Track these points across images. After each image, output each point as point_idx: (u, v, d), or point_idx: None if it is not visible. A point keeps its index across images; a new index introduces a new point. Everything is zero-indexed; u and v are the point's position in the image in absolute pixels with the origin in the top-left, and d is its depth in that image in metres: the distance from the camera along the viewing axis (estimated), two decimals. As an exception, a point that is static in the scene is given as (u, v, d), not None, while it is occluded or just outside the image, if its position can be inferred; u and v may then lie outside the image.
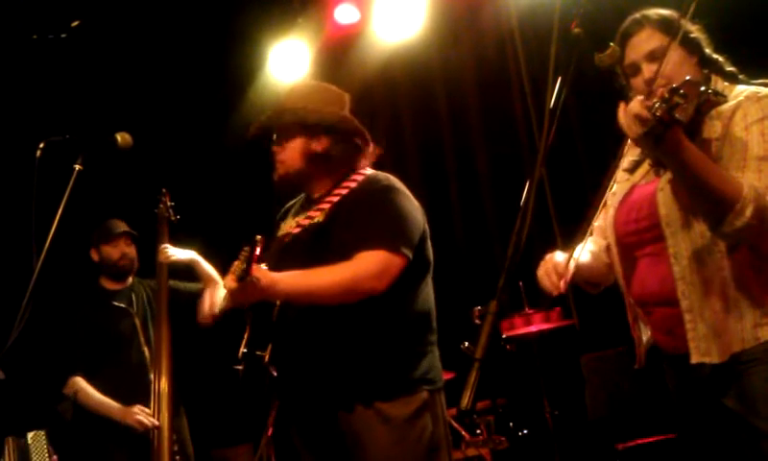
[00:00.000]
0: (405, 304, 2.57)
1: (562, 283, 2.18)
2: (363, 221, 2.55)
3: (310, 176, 2.73)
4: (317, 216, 2.67)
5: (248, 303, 2.57)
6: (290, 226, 2.76)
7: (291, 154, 2.71)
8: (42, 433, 3.97)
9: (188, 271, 3.97)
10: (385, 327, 2.53)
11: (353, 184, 2.68)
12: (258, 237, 2.32)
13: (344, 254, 2.50)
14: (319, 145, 2.70)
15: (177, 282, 4.02)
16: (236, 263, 2.35)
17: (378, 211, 2.57)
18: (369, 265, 2.48)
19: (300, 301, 2.54)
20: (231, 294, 2.43)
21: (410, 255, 2.53)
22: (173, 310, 3.86)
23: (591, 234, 2.51)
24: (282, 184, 2.78)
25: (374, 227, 2.53)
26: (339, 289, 2.47)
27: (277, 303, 2.62)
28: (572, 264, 2.24)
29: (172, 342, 3.79)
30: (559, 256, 2.28)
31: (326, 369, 2.52)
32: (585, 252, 2.42)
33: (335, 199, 2.66)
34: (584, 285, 2.49)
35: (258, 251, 2.32)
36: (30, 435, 4.03)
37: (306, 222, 2.70)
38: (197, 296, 3.96)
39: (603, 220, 2.45)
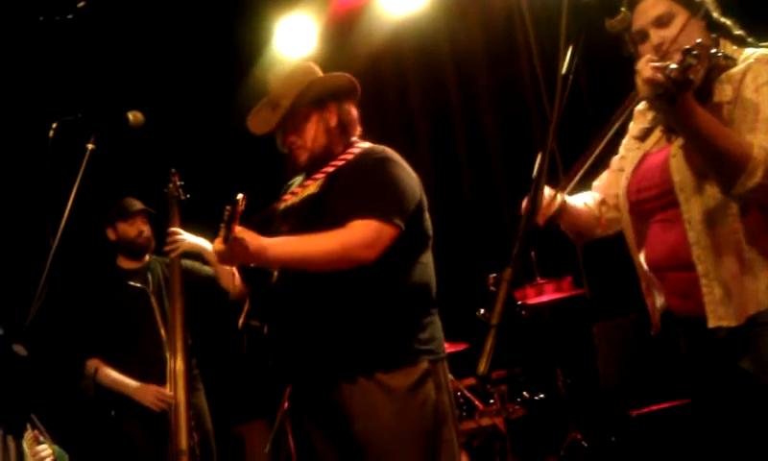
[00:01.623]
0: (403, 276, 2.57)
1: (540, 218, 2.16)
2: (357, 191, 2.56)
3: (332, 146, 2.72)
4: (311, 186, 2.68)
5: (236, 265, 2.59)
6: (288, 197, 2.78)
7: (312, 135, 2.69)
8: None
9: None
10: (382, 298, 2.54)
11: (350, 156, 2.68)
12: (240, 196, 2.31)
13: (337, 222, 2.51)
14: (332, 116, 2.71)
15: (193, 263, 4.01)
16: (223, 226, 2.35)
17: (372, 181, 2.58)
18: (360, 234, 2.49)
19: (292, 266, 2.55)
20: (219, 256, 2.44)
21: (402, 226, 2.53)
22: (188, 288, 3.87)
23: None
24: (309, 166, 2.75)
25: (368, 196, 2.54)
26: (330, 256, 2.48)
27: (275, 273, 2.62)
28: (560, 198, 2.26)
29: (188, 318, 3.82)
30: (546, 191, 2.24)
31: (325, 340, 2.53)
32: (578, 199, 2.43)
33: (330, 170, 2.67)
34: (568, 233, 2.47)
35: (241, 208, 2.31)
36: None
37: (301, 191, 2.71)
38: (211, 280, 3.93)
39: (601, 181, 2.48)
